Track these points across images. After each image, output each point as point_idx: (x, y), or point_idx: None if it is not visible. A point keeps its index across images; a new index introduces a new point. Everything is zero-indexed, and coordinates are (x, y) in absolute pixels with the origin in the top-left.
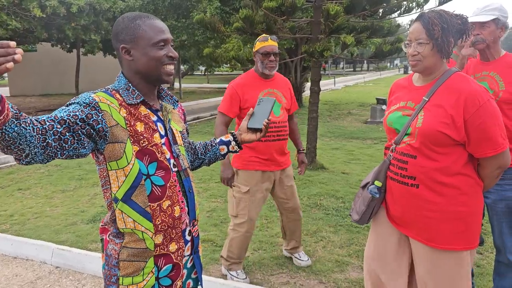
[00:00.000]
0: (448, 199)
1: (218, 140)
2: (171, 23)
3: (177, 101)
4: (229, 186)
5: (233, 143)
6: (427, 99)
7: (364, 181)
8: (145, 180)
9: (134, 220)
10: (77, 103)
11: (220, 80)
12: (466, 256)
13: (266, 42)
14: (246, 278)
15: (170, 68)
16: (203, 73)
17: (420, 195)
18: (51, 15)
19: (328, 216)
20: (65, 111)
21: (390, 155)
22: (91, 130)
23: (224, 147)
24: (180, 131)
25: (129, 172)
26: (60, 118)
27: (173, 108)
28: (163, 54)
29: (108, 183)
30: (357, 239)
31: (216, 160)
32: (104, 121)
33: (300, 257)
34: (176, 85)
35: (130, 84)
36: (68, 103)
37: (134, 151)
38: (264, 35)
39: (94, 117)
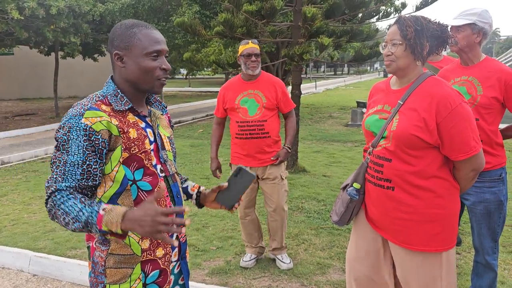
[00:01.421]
0: (423, 202)
1: (184, 185)
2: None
3: (166, 107)
4: (215, 177)
5: (193, 200)
6: (402, 103)
7: (344, 183)
8: (131, 185)
9: None
10: (75, 139)
11: (202, 84)
12: (444, 258)
13: (247, 45)
14: (249, 261)
15: (163, 80)
16: (184, 76)
17: (396, 198)
18: (29, 17)
19: (310, 219)
20: (75, 157)
21: (368, 158)
22: (102, 151)
23: (185, 195)
24: (168, 137)
25: (114, 177)
26: (79, 167)
27: (162, 114)
28: (156, 65)
29: None
30: (338, 241)
31: None
32: (105, 139)
33: (282, 259)
34: None
35: (118, 90)
36: (64, 138)
37: (122, 157)
38: (246, 40)
39: (95, 141)
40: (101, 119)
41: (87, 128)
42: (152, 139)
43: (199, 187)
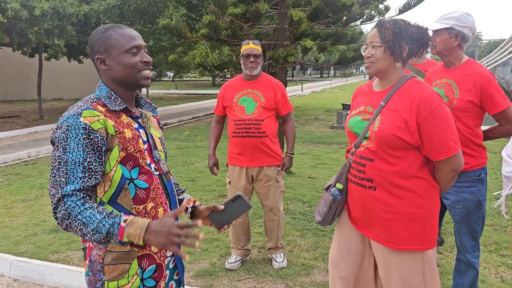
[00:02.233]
0: (404, 201)
1: (180, 197)
2: (137, 28)
3: (156, 108)
4: (212, 173)
5: (188, 214)
6: (383, 104)
7: (327, 183)
8: (128, 184)
9: None
10: (75, 137)
11: (188, 86)
12: (424, 256)
13: (248, 45)
14: (234, 263)
15: (146, 72)
16: (171, 79)
17: (378, 197)
18: (12, 19)
19: (295, 220)
20: (75, 154)
21: (351, 158)
22: (101, 149)
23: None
24: (159, 137)
25: (112, 177)
26: (82, 167)
27: (152, 115)
28: (138, 60)
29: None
30: (323, 242)
31: None
32: (104, 137)
33: (275, 258)
34: (144, 91)
35: (112, 92)
36: (62, 136)
37: (120, 157)
38: (247, 40)
39: (94, 140)
40: (98, 118)
41: (86, 127)
42: (145, 139)
43: (195, 201)
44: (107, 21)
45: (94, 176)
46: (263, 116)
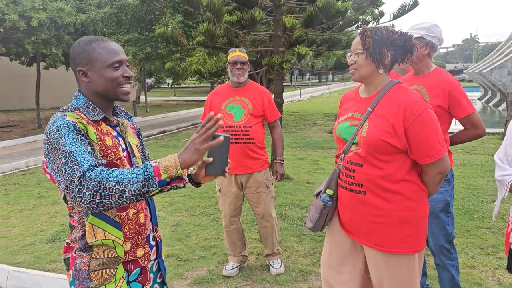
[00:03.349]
0: (393, 205)
1: None
2: (134, 35)
3: (131, 117)
4: None
5: (188, 183)
6: (371, 110)
7: (318, 189)
8: None
9: (104, 230)
10: (67, 133)
11: (187, 93)
12: (415, 259)
13: (234, 53)
14: (231, 270)
15: (127, 87)
16: (170, 86)
17: (367, 202)
18: (10, 29)
19: (293, 226)
20: (75, 146)
21: (340, 164)
22: (91, 143)
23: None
24: (136, 145)
25: None
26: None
27: (129, 124)
28: (119, 74)
29: None
30: (320, 247)
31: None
32: (87, 136)
33: (273, 264)
34: (142, 98)
35: (90, 102)
36: (55, 136)
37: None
38: (233, 48)
39: (85, 136)
40: (81, 121)
41: (75, 124)
42: (124, 147)
43: (187, 170)
44: (104, 29)
45: (100, 160)
46: (250, 122)
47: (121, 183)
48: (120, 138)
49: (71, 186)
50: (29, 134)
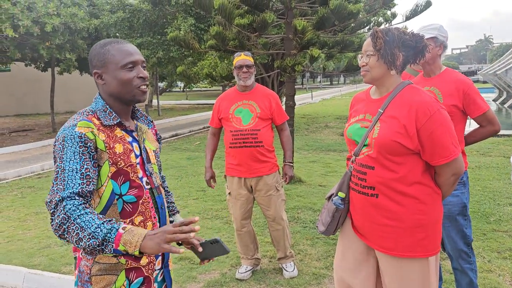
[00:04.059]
0: (407, 208)
1: (171, 218)
2: (146, 39)
3: (152, 121)
4: (209, 186)
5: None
6: (382, 111)
7: (329, 192)
8: (117, 199)
9: None
10: (71, 146)
11: (199, 96)
12: (429, 263)
13: (239, 57)
14: (245, 273)
15: (143, 88)
16: (181, 89)
17: (380, 205)
18: (24, 35)
19: (306, 229)
20: (72, 163)
21: (351, 167)
22: (95, 156)
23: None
24: (153, 150)
25: (102, 194)
26: (80, 173)
27: (148, 128)
28: (133, 75)
29: None
30: (334, 251)
31: None
32: (95, 147)
33: (286, 267)
34: (154, 102)
35: (107, 106)
36: (59, 147)
37: (110, 172)
38: (239, 52)
39: (91, 148)
40: (91, 130)
41: (82, 136)
42: (138, 153)
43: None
44: (117, 34)
45: (92, 182)
46: (259, 126)
47: (83, 231)
48: (135, 144)
49: (49, 204)
50: (44, 138)
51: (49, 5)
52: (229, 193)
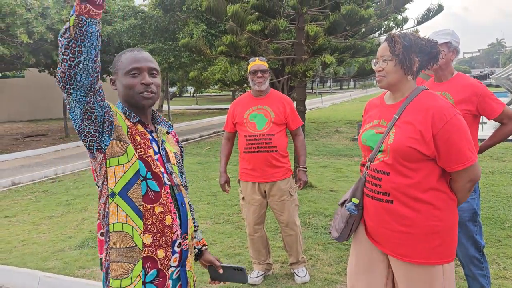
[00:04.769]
0: (422, 214)
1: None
2: (158, 45)
3: (172, 126)
4: (224, 191)
5: (193, 255)
6: (397, 117)
7: (343, 198)
8: (141, 181)
9: (127, 215)
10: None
11: (209, 101)
12: (444, 270)
13: (254, 62)
14: (256, 278)
15: (145, 94)
16: (192, 94)
17: (395, 211)
18: (38, 41)
19: (317, 234)
20: None
21: (366, 172)
22: (108, 112)
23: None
24: (174, 152)
25: (128, 169)
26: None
27: (168, 132)
28: (136, 82)
29: (106, 179)
30: (345, 256)
31: None
32: (112, 118)
33: (298, 272)
34: (165, 107)
35: (126, 108)
36: None
37: (138, 153)
38: (253, 57)
39: (109, 108)
40: (118, 111)
41: (107, 103)
42: (156, 150)
43: (204, 245)
44: (129, 40)
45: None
46: (273, 131)
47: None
48: (154, 143)
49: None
50: (57, 143)
51: (62, 11)
52: (243, 198)
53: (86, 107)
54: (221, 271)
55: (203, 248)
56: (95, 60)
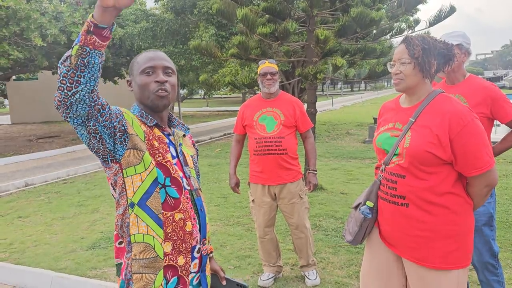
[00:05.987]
0: (438, 218)
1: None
2: (169, 49)
3: (188, 129)
4: (235, 192)
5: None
6: (413, 120)
7: (356, 201)
8: (160, 188)
9: (147, 225)
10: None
11: (219, 103)
12: (459, 275)
13: (264, 64)
14: (267, 280)
15: (160, 92)
16: (202, 96)
17: (410, 214)
18: (51, 44)
19: (328, 237)
20: None
21: (380, 175)
22: (118, 125)
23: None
24: (191, 155)
25: (145, 178)
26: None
27: (184, 135)
28: (151, 80)
29: (124, 190)
30: (356, 259)
31: None
32: (125, 127)
33: (308, 275)
34: (176, 109)
35: (143, 111)
36: None
37: (155, 161)
38: (263, 60)
39: (120, 119)
40: (133, 118)
41: (119, 110)
42: (174, 154)
43: (210, 252)
44: (140, 43)
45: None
46: (283, 133)
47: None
48: (171, 146)
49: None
50: (70, 145)
51: (75, 14)
52: (253, 200)
53: (89, 130)
54: (224, 282)
55: (210, 255)
56: (92, 90)
